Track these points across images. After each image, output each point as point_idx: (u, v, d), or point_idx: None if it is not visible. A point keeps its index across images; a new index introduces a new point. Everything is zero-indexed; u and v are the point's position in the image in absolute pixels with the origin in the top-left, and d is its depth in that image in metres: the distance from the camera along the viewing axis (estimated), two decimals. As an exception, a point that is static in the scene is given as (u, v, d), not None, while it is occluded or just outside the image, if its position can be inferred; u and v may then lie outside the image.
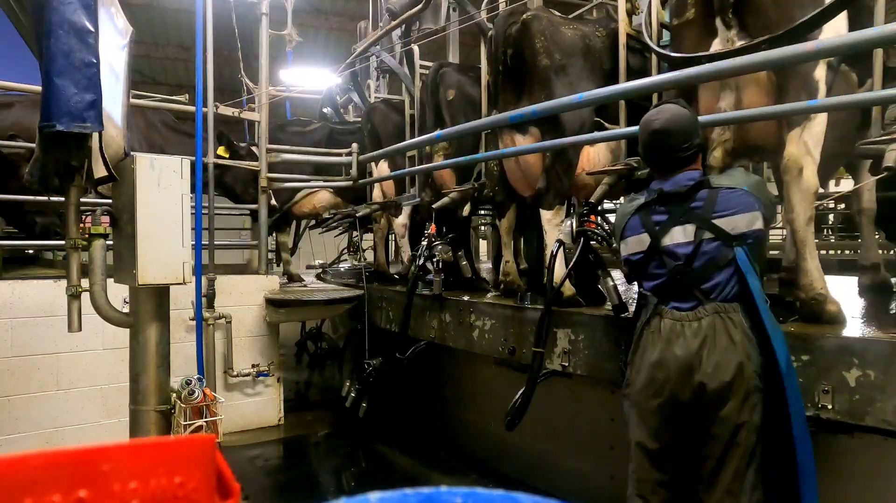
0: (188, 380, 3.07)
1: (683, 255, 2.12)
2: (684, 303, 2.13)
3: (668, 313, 2.15)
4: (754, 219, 2.08)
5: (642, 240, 2.24)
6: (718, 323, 2.05)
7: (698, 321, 2.07)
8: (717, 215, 2.09)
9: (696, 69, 2.48)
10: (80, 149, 2.50)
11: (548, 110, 3.06)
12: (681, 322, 2.10)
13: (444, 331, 4.09)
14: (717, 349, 2.03)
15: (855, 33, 2.07)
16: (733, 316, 2.06)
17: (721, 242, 2.07)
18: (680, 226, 2.15)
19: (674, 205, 2.18)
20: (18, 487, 0.60)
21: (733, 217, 2.08)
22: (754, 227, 2.08)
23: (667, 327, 2.13)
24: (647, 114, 2.29)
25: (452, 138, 4.34)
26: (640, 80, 2.84)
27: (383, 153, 5.07)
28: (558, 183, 3.31)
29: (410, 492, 0.49)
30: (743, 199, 2.09)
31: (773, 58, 2.24)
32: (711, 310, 2.07)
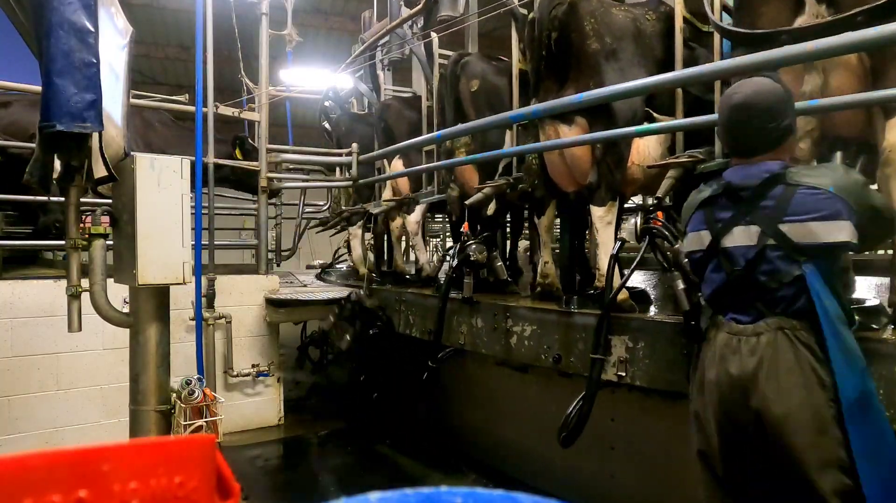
0: (188, 380, 3.07)
1: (744, 260, 1.86)
2: (744, 315, 1.87)
3: (726, 325, 1.90)
4: (836, 229, 1.74)
5: (702, 237, 1.99)
6: (782, 340, 1.77)
7: (756, 336, 1.80)
8: (787, 219, 1.78)
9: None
10: (80, 149, 2.50)
11: (556, 108, 3.00)
12: (737, 336, 1.85)
13: (475, 336, 3.75)
14: (779, 370, 1.75)
15: (857, 33, 2.05)
16: (800, 334, 1.76)
17: (786, 253, 1.79)
18: (743, 226, 1.87)
19: (741, 200, 1.89)
20: (18, 487, 0.60)
21: (807, 224, 1.76)
22: (832, 239, 1.74)
23: (721, 342, 1.89)
24: (730, 87, 2.01)
25: (450, 137, 4.31)
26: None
27: (382, 153, 5.07)
28: (610, 177, 3.04)
29: (410, 492, 0.49)
30: (824, 204, 1.75)
31: (775, 57, 2.23)
32: (774, 326, 1.79)
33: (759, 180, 1.86)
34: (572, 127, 3.19)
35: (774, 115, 1.86)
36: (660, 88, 2.76)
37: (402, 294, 4.71)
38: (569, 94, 3.07)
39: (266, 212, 5.44)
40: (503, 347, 3.55)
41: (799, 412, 1.72)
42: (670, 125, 2.93)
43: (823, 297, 1.73)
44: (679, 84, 2.84)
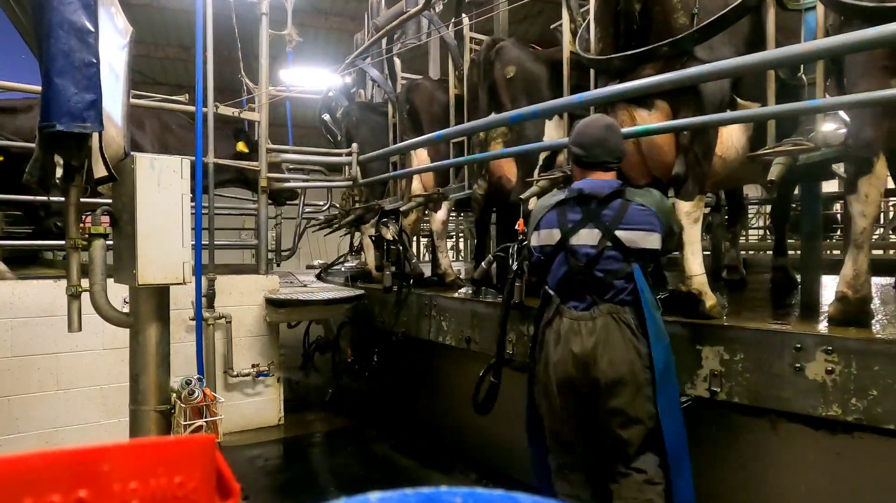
0: (188, 380, 3.06)
1: (584, 257, 2.28)
2: (581, 302, 2.29)
3: (567, 312, 2.30)
4: (654, 239, 2.27)
5: (553, 234, 2.38)
6: (611, 323, 2.22)
7: (593, 321, 2.24)
8: (622, 227, 2.25)
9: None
10: (80, 149, 2.50)
11: (555, 107, 2.96)
12: (578, 321, 2.27)
13: (527, 345, 3.32)
14: (610, 347, 2.21)
15: (856, 33, 2.06)
16: (624, 316, 2.23)
17: (619, 254, 2.24)
18: (588, 228, 2.30)
19: (589, 207, 2.32)
20: (18, 487, 0.60)
21: (636, 232, 2.25)
22: (650, 246, 2.27)
23: (565, 326, 2.29)
24: (592, 116, 2.57)
25: (450, 138, 4.30)
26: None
27: (382, 153, 5.06)
28: (698, 168, 2.79)
29: (410, 492, 0.49)
30: (648, 219, 2.27)
31: (776, 56, 2.23)
32: (605, 311, 2.24)
33: (606, 192, 2.30)
34: (653, 112, 2.89)
35: (618, 146, 2.38)
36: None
37: (434, 298, 4.37)
38: (647, 75, 2.74)
39: (266, 212, 5.43)
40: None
41: (625, 377, 2.19)
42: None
43: (643, 289, 2.23)
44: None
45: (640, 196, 2.32)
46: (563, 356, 2.28)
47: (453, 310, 4.18)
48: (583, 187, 2.35)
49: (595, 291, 2.26)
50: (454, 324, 4.15)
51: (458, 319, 4.10)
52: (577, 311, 2.28)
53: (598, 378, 2.20)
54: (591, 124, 2.43)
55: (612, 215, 2.28)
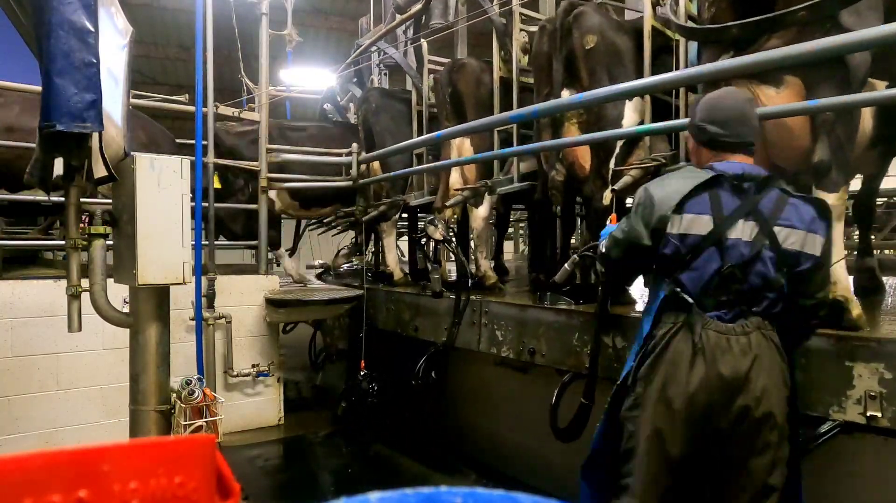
0: (188, 380, 3.07)
1: (739, 257, 1.81)
2: (727, 312, 1.83)
3: (712, 324, 1.81)
4: (816, 244, 1.82)
5: (703, 221, 1.85)
6: (763, 340, 1.80)
7: (746, 336, 1.79)
8: (781, 223, 1.81)
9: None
10: (80, 149, 2.50)
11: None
12: (727, 336, 1.79)
13: (612, 361, 2.92)
14: (765, 371, 1.78)
15: (856, 33, 2.05)
16: (773, 335, 1.83)
17: (775, 258, 1.80)
18: (745, 220, 1.83)
19: (748, 195, 1.85)
20: (18, 487, 0.60)
21: (796, 231, 1.81)
22: (809, 250, 1.81)
23: (711, 341, 1.79)
24: (722, 90, 2.11)
25: (450, 137, 4.27)
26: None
27: (381, 154, 5.05)
28: (841, 154, 2.40)
29: (410, 492, 0.49)
30: (810, 215, 1.83)
31: (775, 57, 2.23)
32: (755, 326, 1.81)
33: (762, 176, 1.85)
34: (781, 90, 2.44)
35: (758, 123, 1.99)
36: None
37: (485, 304, 3.86)
38: (772, 47, 2.34)
39: (266, 212, 5.43)
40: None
41: (777, 410, 1.79)
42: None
43: (786, 306, 1.83)
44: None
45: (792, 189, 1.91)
46: (706, 378, 1.78)
47: (511, 317, 3.65)
48: (742, 168, 1.87)
49: (745, 300, 1.83)
50: (513, 335, 3.61)
51: (518, 328, 3.57)
52: (724, 324, 1.81)
53: (748, 407, 1.76)
54: (727, 98, 1.99)
55: (769, 207, 1.82)
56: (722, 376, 1.77)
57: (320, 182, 5.97)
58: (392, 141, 4.98)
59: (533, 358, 3.42)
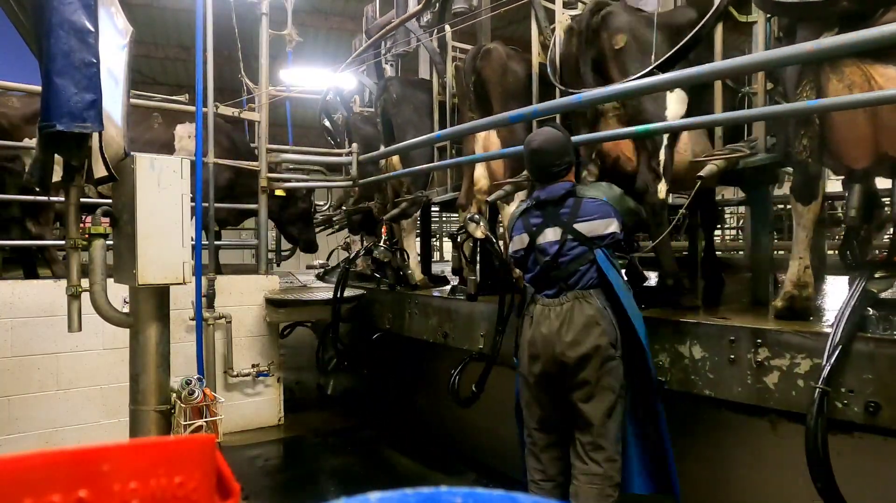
0: (188, 380, 3.06)
1: (552, 252, 2.55)
2: (551, 290, 2.56)
3: (540, 300, 2.58)
4: (609, 224, 2.53)
5: (523, 239, 2.67)
6: (577, 305, 2.48)
7: (561, 305, 2.50)
8: (579, 220, 2.53)
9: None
10: (80, 149, 2.50)
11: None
12: (548, 307, 2.53)
13: (689, 372, 2.73)
14: (574, 325, 2.45)
15: (856, 33, 2.06)
16: (590, 299, 2.48)
17: (581, 243, 2.51)
18: (550, 227, 2.58)
19: (547, 210, 2.60)
20: (18, 487, 0.60)
21: (592, 222, 2.52)
22: (608, 231, 2.53)
23: (537, 311, 2.57)
24: (529, 135, 2.76)
25: (450, 138, 4.26)
26: None
27: (380, 154, 5.04)
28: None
29: (410, 492, 0.49)
30: (601, 208, 2.54)
31: (773, 58, 2.24)
32: (572, 297, 2.49)
33: (559, 195, 2.58)
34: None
35: (560, 155, 2.61)
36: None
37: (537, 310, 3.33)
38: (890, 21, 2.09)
39: (266, 212, 5.43)
40: (749, 388, 2.50)
41: (589, 353, 2.42)
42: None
43: (609, 272, 2.48)
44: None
45: (590, 190, 2.62)
46: (532, 336, 2.55)
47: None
48: (539, 195, 2.66)
49: (563, 280, 2.52)
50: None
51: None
52: (548, 299, 2.55)
53: (563, 355, 2.44)
54: (529, 143, 2.67)
55: (568, 212, 2.56)
56: (542, 334, 2.51)
57: (320, 182, 5.97)
58: (414, 133, 4.70)
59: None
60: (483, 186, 4.13)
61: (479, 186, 4.15)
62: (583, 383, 2.44)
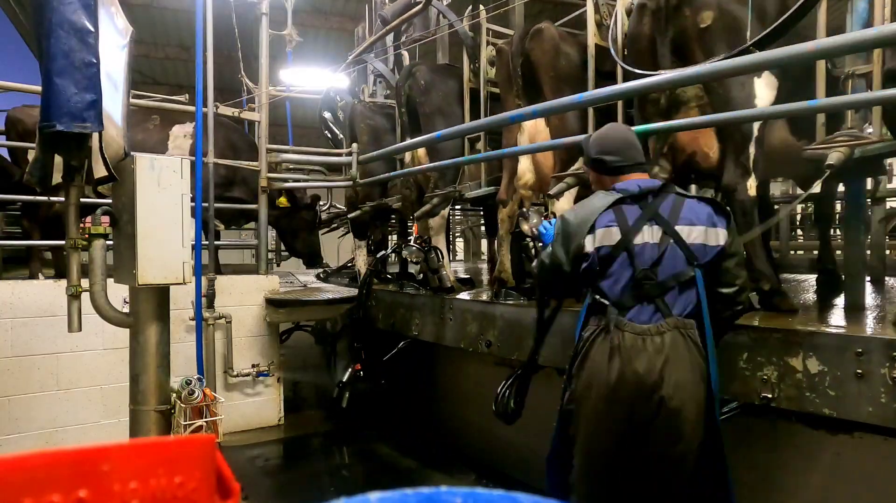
0: (188, 380, 3.06)
1: (649, 259, 2.01)
2: (644, 313, 2.00)
3: (628, 325, 1.99)
4: (719, 235, 2.02)
5: (612, 233, 2.06)
6: (679, 339, 1.97)
7: (661, 336, 1.96)
8: (682, 223, 2.03)
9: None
10: (80, 149, 2.50)
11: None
12: (642, 337, 1.97)
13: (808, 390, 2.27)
14: (679, 367, 1.95)
15: (856, 33, 2.06)
16: (692, 332, 1.99)
17: (682, 254, 2.00)
18: (649, 225, 2.05)
19: (647, 203, 2.08)
20: (18, 487, 0.60)
21: (697, 228, 2.02)
22: (717, 243, 2.02)
23: (627, 342, 1.97)
24: (606, 126, 2.35)
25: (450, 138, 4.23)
26: None
27: (381, 154, 5.03)
28: None
29: (410, 492, 0.49)
30: (707, 211, 2.05)
31: (773, 58, 2.24)
32: (672, 325, 1.97)
33: (657, 186, 2.10)
34: None
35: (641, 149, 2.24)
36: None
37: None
38: None
39: (266, 212, 5.43)
40: (884, 407, 2.11)
41: (689, 404, 1.95)
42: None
43: (704, 299, 2.00)
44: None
45: (688, 190, 2.18)
46: (621, 375, 1.96)
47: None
48: (634, 184, 2.12)
49: (662, 300, 2.00)
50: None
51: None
52: (641, 325, 1.98)
53: (664, 399, 1.93)
54: (613, 130, 2.29)
55: (668, 210, 2.04)
56: (637, 373, 1.94)
57: (320, 182, 5.97)
58: (443, 123, 4.37)
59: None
60: (528, 181, 3.73)
61: (524, 181, 3.74)
62: (683, 438, 1.97)
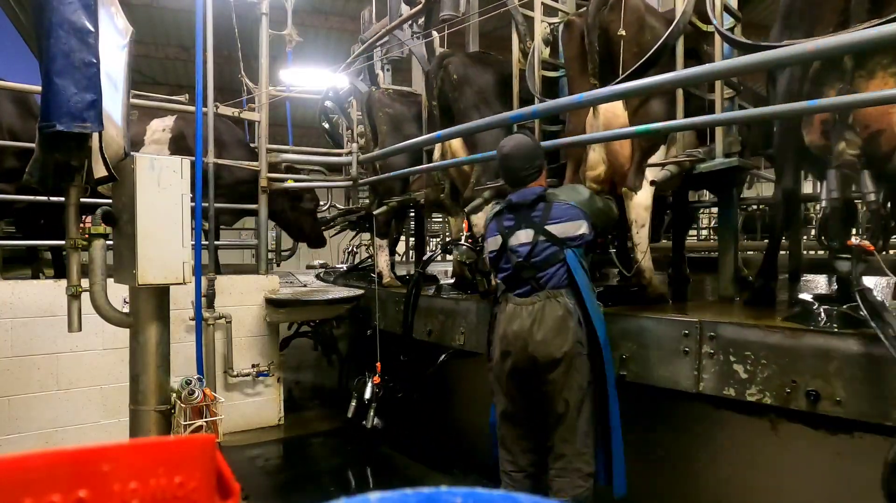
0: (188, 380, 3.07)
1: (524, 253, 2.65)
2: (522, 289, 2.65)
3: (512, 299, 2.67)
4: (579, 226, 2.63)
5: (497, 240, 2.77)
6: (547, 304, 2.57)
7: (532, 304, 2.60)
8: (550, 222, 2.63)
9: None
10: (80, 149, 2.50)
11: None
12: (520, 305, 2.62)
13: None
14: (545, 324, 2.54)
15: (856, 33, 2.06)
16: (560, 298, 2.57)
17: (552, 244, 2.61)
18: (523, 230, 2.67)
19: (520, 213, 2.70)
20: (18, 487, 0.60)
21: (563, 224, 2.62)
22: (577, 233, 2.62)
23: (510, 310, 2.65)
24: (501, 141, 2.82)
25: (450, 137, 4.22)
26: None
27: (381, 154, 5.03)
28: None
29: (410, 492, 0.49)
30: (571, 211, 2.64)
31: (772, 58, 2.24)
32: (543, 296, 2.59)
33: (531, 198, 2.68)
34: None
35: (530, 160, 2.71)
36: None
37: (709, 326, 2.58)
38: None
39: (266, 212, 5.43)
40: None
41: (557, 351, 2.51)
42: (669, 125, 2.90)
43: (577, 273, 2.58)
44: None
45: (561, 194, 2.72)
46: (504, 333, 2.63)
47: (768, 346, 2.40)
48: (512, 198, 2.76)
49: (535, 279, 2.62)
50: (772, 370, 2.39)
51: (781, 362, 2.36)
52: (520, 298, 2.64)
53: (534, 353, 2.52)
54: (500, 149, 2.77)
55: (540, 215, 2.66)
56: (514, 331, 2.59)
57: (320, 182, 5.97)
58: (476, 115, 4.04)
59: (816, 405, 2.23)
60: (600, 173, 3.36)
61: (597, 173, 3.36)
62: (553, 380, 2.53)
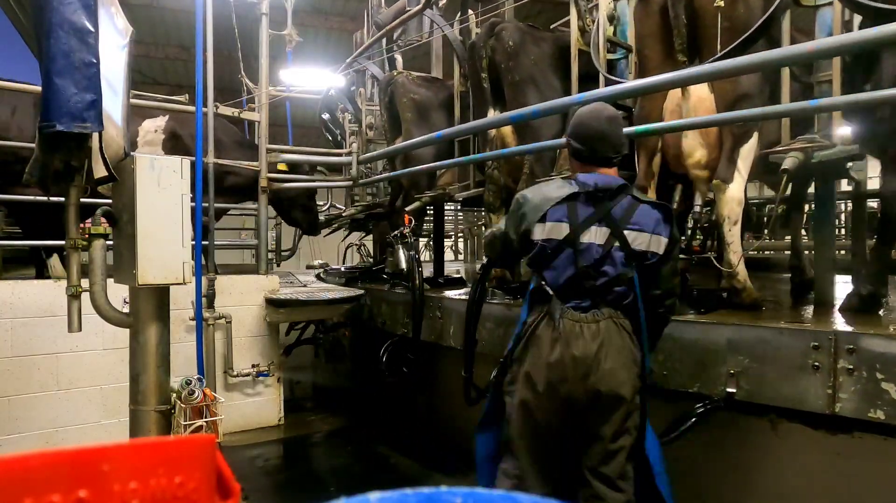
0: (188, 380, 3.07)
1: (593, 258, 2.12)
2: (582, 302, 2.14)
3: (568, 313, 2.12)
4: (660, 243, 2.14)
5: (562, 228, 2.16)
6: (612, 327, 2.11)
7: (596, 323, 2.11)
8: (630, 227, 2.12)
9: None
10: (80, 149, 2.50)
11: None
12: (580, 324, 2.11)
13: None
14: (612, 351, 2.09)
15: (856, 33, 2.06)
16: (620, 320, 2.14)
17: (624, 256, 2.11)
18: (599, 226, 2.14)
19: (601, 204, 2.15)
20: (18, 487, 0.60)
21: (643, 234, 2.12)
22: (654, 248, 2.13)
23: (568, 327, 2.11)
24: (592, 106, 2.27)
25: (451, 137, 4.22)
26: None
27: (381, 154, 5.03)
28: None
29: (410, 492, 0.49)
30: (657, 220, 2.14)
31: (773, 58, 2.24)
32: (608, 315, 2.12)
33: (616, 186, 2.15)
34: None
35: (622, 137, 2.21)
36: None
37: (849, 337, 2.22)
38: None
39: (266, 212, 5.43)
40: None
41: (623, 388, 2.08)
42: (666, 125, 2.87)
43: (639, 297, 2.15)
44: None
45: (644, 196, 2.24)
46: (560, 357, 2.10)
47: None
48: (592, 180, 2.16)
49: (598, 293, 2.13)
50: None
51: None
52: (579, 313, 2.12)
53: (597, 385, 2.06)
54: (591, 116, 2.21)
55: (620, 213, 2.13)
56: (574, 356, 2.07)
57: (321, 182, 5.96)
58: (535, 96, 3.70)
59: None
60: (701, 158, 3.13)
61: (696, 158, 3.14)
62: (614, 420, 2.10)
